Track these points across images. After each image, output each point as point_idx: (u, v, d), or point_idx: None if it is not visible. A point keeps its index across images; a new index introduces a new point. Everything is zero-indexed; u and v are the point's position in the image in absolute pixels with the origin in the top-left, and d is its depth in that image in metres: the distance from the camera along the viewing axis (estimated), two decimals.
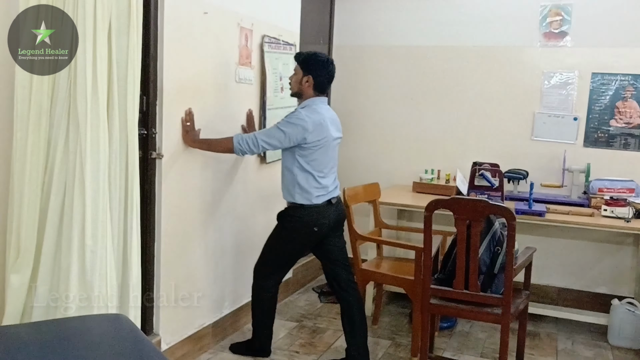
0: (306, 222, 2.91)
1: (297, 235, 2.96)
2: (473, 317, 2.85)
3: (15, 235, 2.10)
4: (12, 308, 2.10)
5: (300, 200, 2.89)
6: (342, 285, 3.05)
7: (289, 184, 2.93)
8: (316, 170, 2.89)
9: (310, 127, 2.80)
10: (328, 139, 2.89)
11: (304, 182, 2.87)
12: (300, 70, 2.92)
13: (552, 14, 4.14)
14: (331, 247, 3.04)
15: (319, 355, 3.26)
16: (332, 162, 2.98)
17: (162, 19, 2.67)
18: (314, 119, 2.83)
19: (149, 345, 1.78)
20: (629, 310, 3.59)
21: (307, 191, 2.88)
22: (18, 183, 2.09)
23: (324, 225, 2.93)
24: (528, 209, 3.52)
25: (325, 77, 2.92)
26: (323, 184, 2.92)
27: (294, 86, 2.96)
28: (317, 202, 2.90)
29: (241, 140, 2.83)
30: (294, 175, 2.88)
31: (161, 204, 2.78)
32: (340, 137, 3.03)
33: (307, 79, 2.89)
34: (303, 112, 2.85)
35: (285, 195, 2.97)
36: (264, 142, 2.82)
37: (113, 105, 2.16)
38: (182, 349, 2.99)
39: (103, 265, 2.12)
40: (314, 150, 2.86)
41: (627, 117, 4.05)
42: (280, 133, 2.80)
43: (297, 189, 2.89)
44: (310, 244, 3.02)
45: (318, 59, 2.92)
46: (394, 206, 3.99)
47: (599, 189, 3.74)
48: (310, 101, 2.91)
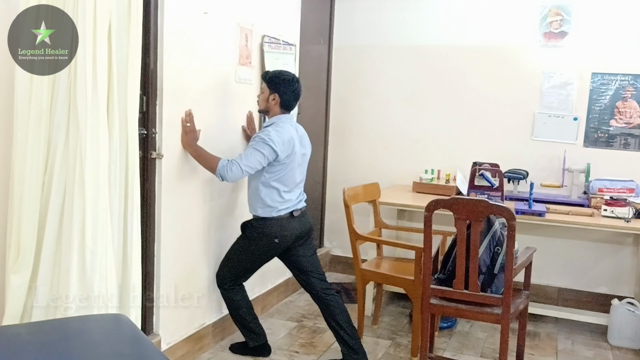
0: (267, 233, 2.98)
1: (258, 245, 3.02)
2: (473, 317, 2.85)
3: (15, 235, 2.10)
4: (12, 308, 2.09)
5: (262, 214, 2.98)
6: (319, 294, 3.10)
7: (252, 197, 3.03)
8: (282, 184, 2.96)
9: (281, 146, 2.87)
10: (295, 155, 2.97)
11: (266, 197, 2.96)
12: (267, 88, 2.98)
13: (552, 14, 4.14)
14: (299, 258, 3.10)
15: (319, 355, 3.26)
16: (299, 177, 3.05)
17: (162, 19, 2.68)
18: (283, 137, 2.90)
19: (149, 345, 1.77)
20: (629, 310, 3.59)
21: (270, 206, 2.97)
22: (18, 183, 2.09)
23: (285, 237, 3.00)
24: (528, 209, 3.52)
25: (291, 94, 2.98)
26: (286, 199, 2.99)
27: (261, 104, 3.04)
28: (279, 214, 2.97)
29: (225, 166, 2.83)
30: (258, 190, 2.97)
31: (161, 204, 2.78)
32: (306, 152, 3.09)
33: (273, 97, 2.96)
34: (272, 131, 2.90)
35: (250, 208, 3.06)
36: (246, 166, 2.86)
37: (113, 105, 2.16)
38: (182, 349, 2.99)
39: (103, 265, 2.12)
40: (282, 167, 2.94)
41: (627, 117, 4.05)
42: (259, 154, 2.86)
43: (259, 204, 2.98)
44: (272, 254, 3.08)
45: (283, 78, 2.98)
46: (394, 206, 3.99)
47: (599, 189, 3.74)
48: (276, 118, 2.98)
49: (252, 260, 3.08)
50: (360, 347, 3.08)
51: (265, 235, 2.98)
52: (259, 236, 3.00)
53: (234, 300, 3.10)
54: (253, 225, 3.03)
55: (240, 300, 3.11)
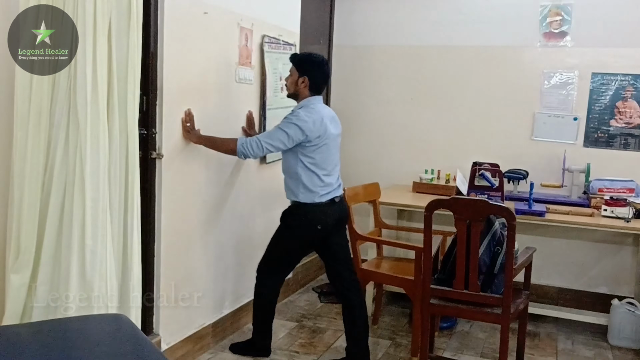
0: (309, 220, 2.92)
1: (300, 233, 2.97)
2: (473, 317, 2.85)
3: (15, 235, 2.10)
4: (12, 308, 2.09)
5: (304, 200, 2.91)
6: (346, 285, 3.05)
7: (292, 184, 2.93)
8: (320, 168, 2.90)
9: (311, 126, 2.82)
10: (328, 136, 2.91)
11: (308, 181, 2.89)
12: (296, 71, 2.94)
13: (552, 14, 4.14)
14: (335, 247, 3.04)
15: (319, 355, 3.26)
16: (335, 160, 2.99)
17: (162, 19, 2.68)
18: (314, 117, 2.84)
19: (149, 345, 1.78)
20: (629, 310, 3.59)
21: (312, 190, 2.89)
22: (18, 183, 2.09)
23: (327, 223, 2.94)
24: (528, 209, 3.52)
25: (320, 77, 2.94)
26: (327, 182, 2.93)
27: (290, 87, 2.99)
28: (321, 200, 2.91)
29: (245, 143, 2.84)
30: (298, 175, 2.89)
31: (161, 204, 2.78)
32: (339, 133, 3.04)
33: (303, 80, 2.91)
34: (302, 112, 2.86)
35: (289, 195, 2.98)
36: (267, 144, 2.83)
37: (113, 105, 2.16)
38: (182, 349, 2.99)
39: (103, 265, 2.12)
40: (316, 149, 2.87)
41: (627, 117, 4.05)
42: (282, 133, 2.81)
43: (301, 189, 2.90)
44: (313, 242, 3.03)
45: (313, 60, 2.95)
46: (394, 206, 3.99)
47: (599, 189, 3.75)
48: (306, 101, 2.93)
49: (293, 250, 3.04)
50: (367, 349, 3.05)
51: (307, 222, 2.92)
52: (300, 223, 2.94)
53: (261, 291, 3.07)
54: (294, 212, 2.96)
55: (266, 294, 3.08)
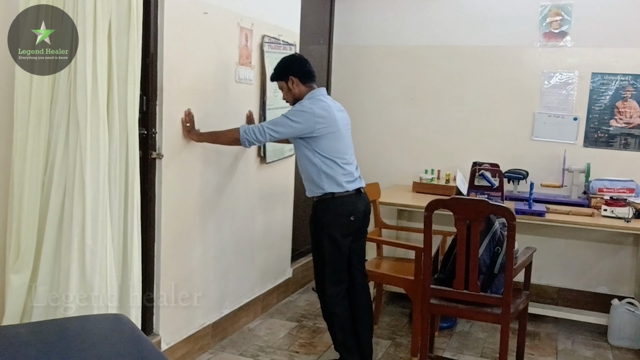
0: (341, 212, 2.82)
1: (336, 228, 2.83)
2: (473, 317, 2.85)
3: (15, 235, 2.10)
4: (12, 308, 2.10)
5: (331, 189, 2.80)
6: (357, 290, 3.00)
7: (314, 175, 2.82)
8: (337, 157, 2.82)
9: (317, 115, 2.77)
10: (338, 124, 2.85)
11: (329, 169, 2.80)
12: (282, 81, 2.93)
13: (552, 14, 4.14)
14: (353, 247, 2.96)
15: (319, 355, 3.26)
16: (350, 148, 2.93)
17: (162, 19, 2.68)
18: (320, 105, 2.81)
19: (149, 345, 1.78)
20: (629, 310, 3.59)
21: (334, 178, 2.80)
22: (18, 183, 2.09)
23: (358, 213, 2.86)
24: (528, 209, 3.52)
25: (301, 65, 2.91)
26: (348, 170, 2.85)
27: (288, 97, 2.95)
28: (348, 188, 2.83)
29: (247, 129, 2.80)
30: (317, 165, 2.80)
31: (161, 203, 2.78)
32: (349, 123, 2.99)
33: (291, 82, 2.89)
34: (307, 102, 2.84)
35: (313, 189, 2.86)
36: (270, 129, 2.78)
37: (113, 105, 2.16)
38: (182, 349, 2.99)
39: (103, 265, 2.12)
40: (328, 138, 2.80)
41: (627, 117, 4.05)
42: (287, 120, 2.77)
43: (324, 178, 2.80)
44: (349, 235, 2.89)
45: (283, 62, 2.94)
46: (394, 206, 3.99)
47: (599, 189, 3.74)
48: (311, 93, 2.89)
49: (335, 251, 2.85)
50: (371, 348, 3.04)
51: (339, 214, 2.81)
52: (333, 218, 2.81)
53: (333, 311, 2.92)
54: (322, 208, 2.83)
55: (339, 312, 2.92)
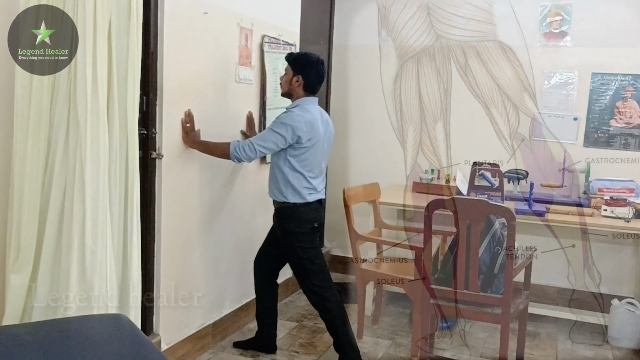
0: (306, 219, 2.93)
1: (304, 233, 2.94)
2: (473, 317, 2.85)
3: (15, 235, 2.10)
4: (12, 308, 2.09)
5: (293, 200, 2.90)
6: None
7: (280, 183, 2.91)
8: (307, 170, 2.90)
9: (303, 127, 2.81)
10: (319, 139, 2.90)
11: (295, 181, 2.88)
12: (291, 70, 2.93)
13: (552, 14, 4.14)
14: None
15: (319, 355, 3.26)
16: (322, 165, 3.00)
17: (162, 19, 2.68)
18: (306, 118, 2.84)
19: (149, 345, 1.78)
20: (629, 310, 3.59)
21: (298, 191, 2.89)
22: (18, 183, 2.09)
23: (320, 222, 2.96)
24: (528, 209, 3.52)
25: (315, 77, 2.93)
26: (313, 185, 2.94)
27: (284, 86, 2.97)
28: (309, 199, 2.92)
29: (237, 146, 2.83)
30: (285, 175, 2.89)
31: (161, 204, 2.78)
32: (331, 138, 3.04)
33: (297, 79, 2.90)
34: (295, 111, 2.86)
35: (276, 194, 2.95)
36: (260, 146, 2.82)
37: (113, 105, 2.16)
38: (182, 349, 2.99)
39: (103, 265, 2.12)
40: (306, 150, 2.86)
41: (627, 117, 4.05)
42: (276, 135, 2.80)
43: (289, 189, 2.90)
44: (316, 241, 3.01)
45: (308, 59, 2.94)
46: (394, 206, 3.99)
47: (599, 189, 3.74)
48: (300, 101, 2.92)
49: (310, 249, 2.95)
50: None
51: (305, 220, 2.92)
52: (299, 223, 2.92)
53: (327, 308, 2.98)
54: (287, 215, 2.93)
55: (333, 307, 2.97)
